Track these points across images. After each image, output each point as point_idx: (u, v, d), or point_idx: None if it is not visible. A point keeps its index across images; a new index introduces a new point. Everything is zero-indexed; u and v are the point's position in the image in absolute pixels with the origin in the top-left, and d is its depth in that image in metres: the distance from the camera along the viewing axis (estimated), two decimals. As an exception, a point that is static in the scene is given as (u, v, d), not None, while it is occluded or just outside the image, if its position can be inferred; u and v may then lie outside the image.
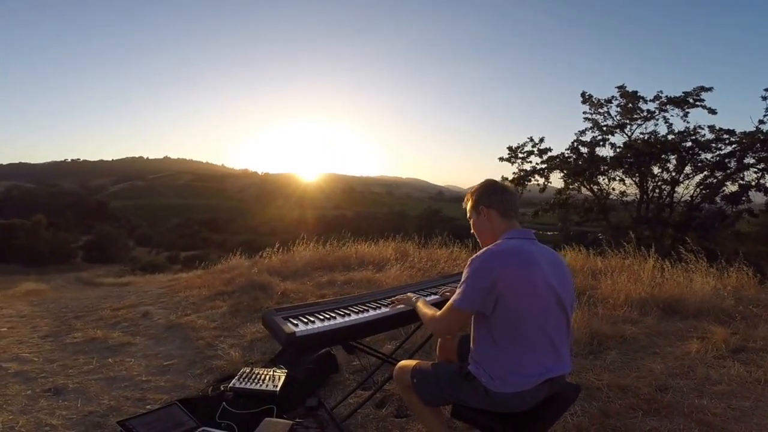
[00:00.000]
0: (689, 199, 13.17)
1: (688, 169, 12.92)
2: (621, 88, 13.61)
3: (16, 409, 2.39)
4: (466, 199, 1.68)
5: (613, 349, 3.10)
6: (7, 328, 4.49)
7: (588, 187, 14.46)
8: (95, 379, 2.82)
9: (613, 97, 13.81)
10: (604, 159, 13.71)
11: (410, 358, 2.01)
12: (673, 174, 13.07)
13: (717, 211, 12.79)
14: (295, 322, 1.71)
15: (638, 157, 12.95)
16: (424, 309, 1.70)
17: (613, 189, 14.21)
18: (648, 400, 2.33)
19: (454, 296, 1.48)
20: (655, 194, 13.76)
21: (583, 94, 14.18)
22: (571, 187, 14.69)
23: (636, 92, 13.53)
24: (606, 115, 14.05)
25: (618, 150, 13.65)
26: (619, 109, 13.82)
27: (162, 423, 1.91)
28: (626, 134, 13.92)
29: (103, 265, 35.78)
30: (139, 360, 3.19)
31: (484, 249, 1.48)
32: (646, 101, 13.38)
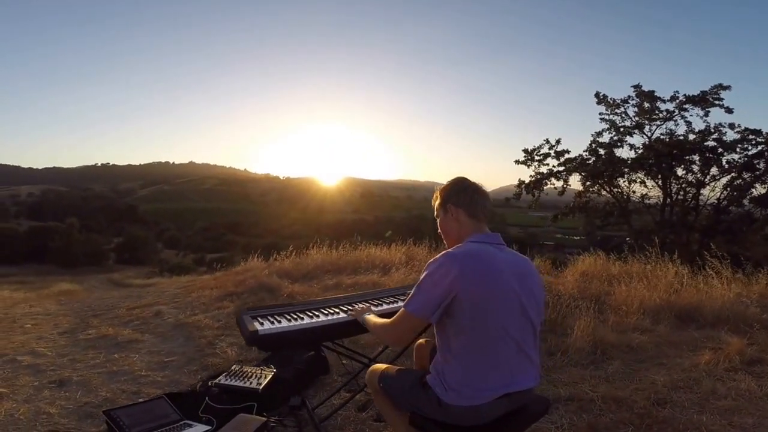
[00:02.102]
0: (716, 201, 12.68)
1: (714, 170, 12.46)
2: (637, 87, 13.28)
3: (20, 398, 2.55)
4: (434, 197, 1.60)
5: (616, 359, 3.01)
6: (31, 325, 4.74)
7: (608, 189, 14.08)
8: (98, 372, 2.97)
9: (629, 96, 13.48)
10: (623, 160, 13.34)
11: (393, 362, 2.00)
12: (698, 176, 12.61)
13: (745, 214, 12.26)
14: (262, 321, 1.75)
15: (659, 158, 12.54)
16: (374, 320, 1.64)
17: (634, 192, 13.83)
18: (642, 415, 2.24)
19: (407, 301, 1.42)
20: (679, 197, 13.30)
21: (597, 95, 13.89)
22: (591, 189, 14.34)
23: (653, 92, 13.16)
24: (623, 115, 13.69)
25: (638, 151, 13.26)
26: (636, 110, 13.44)
27: (146, 414, 2.00)
28: (645, 135, 13.52)
29: (133, 266, 36.98)
30: (143, 356, 3.32)
31: (443, 252, 1.41)
32: (663, 101, 12.99)
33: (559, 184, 14.05)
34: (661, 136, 13.21)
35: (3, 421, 2.28)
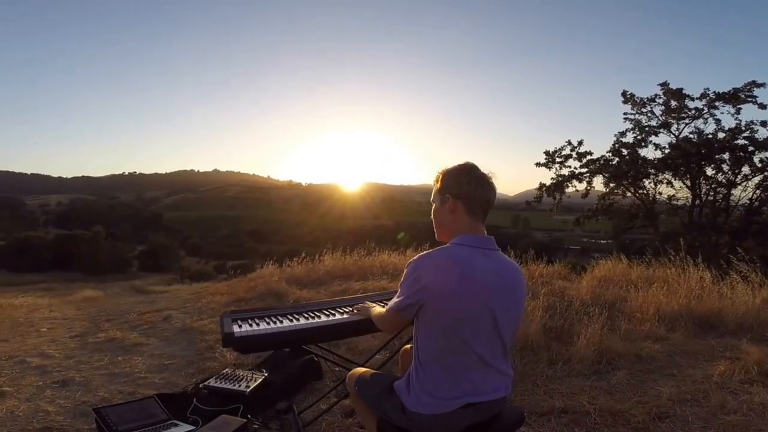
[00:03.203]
0: (747, 202, 12.13)
1: (745, 169, 11.92)
2: (664, 85, 12.85)
3: (23, 397, 2.62)
4: (435, 179, 1.45)
5: (622, 369, 2.86)
6: (47, 329, 4.88)
7: (632, 191, 13.66)
8: (100, 374, 3.02)
9: (656, 95, 13.06)
10: (649, 161, 12.92)
11: (380, 368, 1.96)
12: (729, 175, 12.09)
13: (779, 215, 11.69)
14: (241, 324, 1.74)
15: (687, 158, 12.09)
16: (376, 309, 1.66)
17: (660, 193, 13.38)
18: (638, 430, 2.11)
19: (393, 299, 1.41)
20: (709, 198, 12.79)
21: (624, 94, 13.50)
22: (615, 191, 13.94)
23: (681, 89, 12.71)
24: (650, 114, 13.28)
25: (664, 151, 12.83)
26: (662, 108, 13.02)
27: (135, 413, 2.01)
28: (673, 134, 13.07)
29: (156, 273, 37.99)
30: (146, 359, 3.36)
31: (423, 254, 1.33)
32: (692, 99, 12.53)
33: (582, 186, 13.72)
34: (689, 135, 12.76)
35: (3, 418, 2.34)
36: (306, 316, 1.85)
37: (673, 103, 12.74)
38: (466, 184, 1.37)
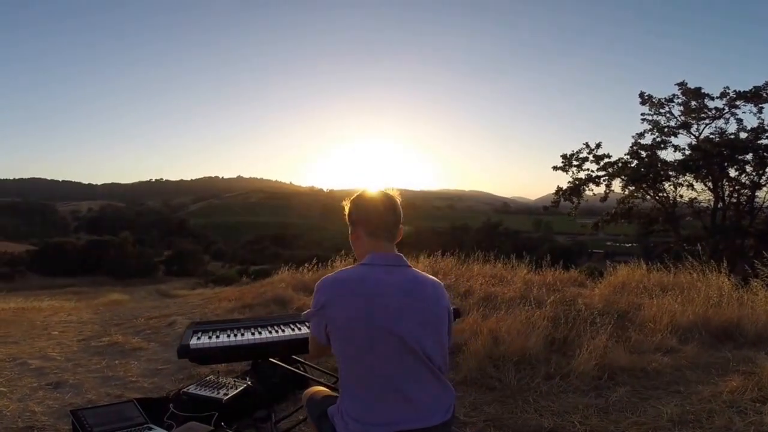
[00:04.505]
0: (773, 204, 11.58)
1: (771, 169, 11.38)
2: (682, 85, 12.44)
3: (15, 397, 2.70)
4: (344, 207, 1.48)
5: (624, 385, 2.69)
6: (59, 332, 5.02)
7: (652, 194, 13.20)
8: (94, 377, 3.10)
9: (674, 95, 12.66)
10: (668, 163, 12.48)
11: None
12: (753, 176, 11.57)
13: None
14: (201, 336, 1.75)
15: (708, 159, 11.62)
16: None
17: (681, 196, 12.90)
18: None
19: None
20: (732, 200, 12.24)
21: (641, 95, 13.14)
22: (635, 195, 13.49)
23: (700, 89, 12.27)
24: (669, 115, 12.84)
25: (684, 153, 12.37)
26: (681, 108, 12.57)
27: (112, 416, 2.04)
28: (693, 134, 12.60)
29: (181, 278, 38.99)
30: (141, 363, 3.41)
31: (327, 275, 1.34)
32: (712, 98, 12.08)
33: (599, 189, 13.34)
34: (710, 136, 12.28)
35: (-7, 416, 2.42)
36: (270, 329, 1.83)
37: (693, 103, 12.35)
38: (362, 210, 1.40)
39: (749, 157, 11.43)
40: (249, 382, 2.40)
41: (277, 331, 1.83)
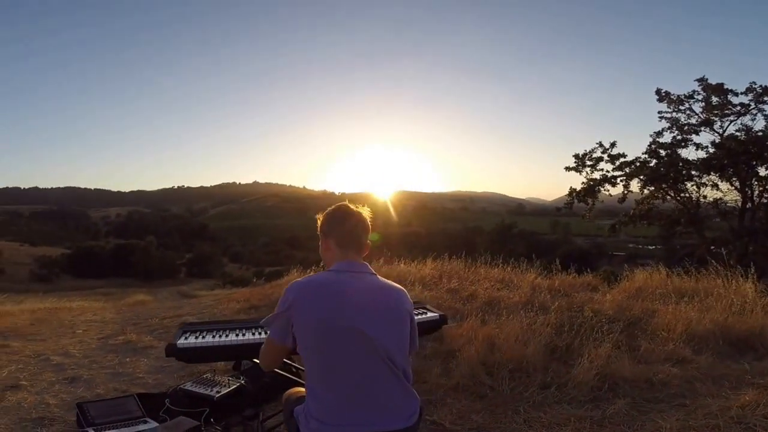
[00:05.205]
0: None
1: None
2: (702, 80, 12.04)
3: (34, 390, 2.91)
4: (317, 219, 1.58)
5: (625, 397, 2.59)
6: (82, 330, 5.30)
7: (673, 194, 12.84)
8: (105, 373, 3.29)
9: (694, 91, 12.26)
10: (691, 162, 12.11)
11: None
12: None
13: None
14: (189, 336, 1.87)
15: (733, 158, 11.22)
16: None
17: (705, 196, 12.45)
18: None
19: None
20: (763, 200, 11.78)
21: (658, 92, 12.78)
22: (655, 195, 13.15)
23: (722, 84, 11.86)
24: (689, 112, 12.46)
25: (708, 151, 11.97)
26: (703, 105, 12.19)
27: (113, 410, 2.21)
28: (716, 132, 12.19)
29: (201, 279, 39.94)
30: (150, 360, 3.60)
31: (297, 279, 1.42)
32: (736, 94, 11.67)
33: (616, 190, 13.03)
34: (735, 133, 11.84)
35: (11, 407, 2.63)
36: (254, 331, 1.95)
37: (714, 99, 11.91)
38: (332, 221, 1.49)
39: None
40: (242, 381, 2.52)
41: (260, 333, 1.94)
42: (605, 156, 13.06)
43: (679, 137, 12.36)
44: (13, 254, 49.11)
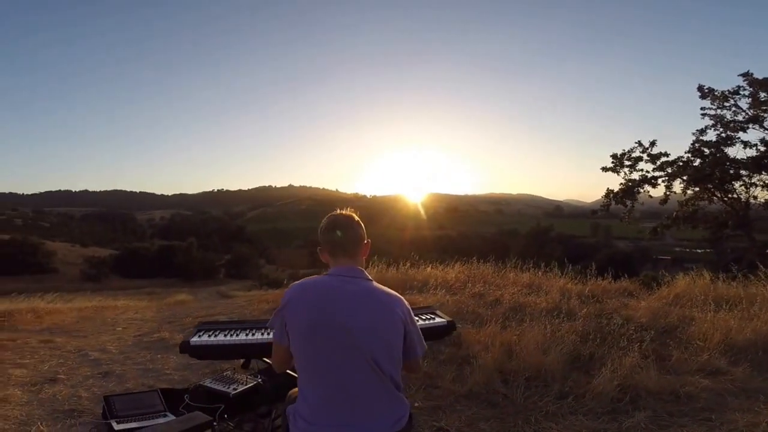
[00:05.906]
0: None
1: None
2: (747, 75, 11.27)
3: (69, 384, 3.12)
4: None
5: (646, 409, 2.48)
6: (122, 328, 5.64)
7: (719, 195, 12.08)
8: (137, 368, 3.50)
9: (739, 87, 11.50)
10: (738, 161, 11.36)
11: None
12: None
13: None
14: (202, 334, 1.97)
15: (786, 156, 10.47)
16: None
17: (755, 197, 11.65)
18: None
19: None
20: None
21: (701, 88, 12.09)
22: (700, 196, 12.42)
23: (769, 78, 11.05)
24: (735, 108, 11.70)
25: (757, 149, 11.20)
26: (749, 101, 11.40)
27: (137, 403, 2.36)
28: (766, 129, 11.37)
29: (239, 280, 41.33)
30: (179, 358, 3.76)
31: (297, 281, 1.49)
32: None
33: (657, 191, 12.42)
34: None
35: (47, 399, 2.84)
36: (263, 332, 2.03)
37: (762, 95, 11.13)
38: (323, 231, 1.55)
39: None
40: (259, 380, 2.62)
41: (269, 334, 2.02)
42: (645, 155, 12.50)
43: (724, 135, 11.64)
44: (66, 255, 52.23)
